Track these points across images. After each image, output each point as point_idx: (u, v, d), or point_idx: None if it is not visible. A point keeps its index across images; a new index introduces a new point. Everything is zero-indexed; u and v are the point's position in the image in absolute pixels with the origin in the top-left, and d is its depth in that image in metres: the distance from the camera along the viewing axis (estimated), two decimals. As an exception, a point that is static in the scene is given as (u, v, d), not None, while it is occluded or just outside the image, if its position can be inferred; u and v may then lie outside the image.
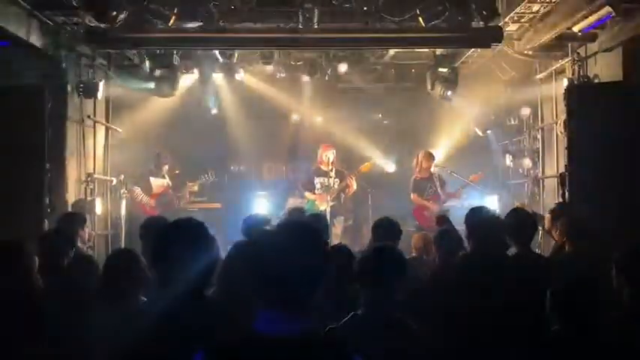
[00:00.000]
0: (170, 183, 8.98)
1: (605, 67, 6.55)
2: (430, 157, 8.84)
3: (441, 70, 8.65)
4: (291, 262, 1.73)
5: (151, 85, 8.50)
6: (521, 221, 4.23)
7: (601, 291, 2.81)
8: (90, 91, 7.34)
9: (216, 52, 8.29)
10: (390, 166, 10.62)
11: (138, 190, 8.52)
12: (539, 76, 8.49)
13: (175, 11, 6.61)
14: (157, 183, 8.81)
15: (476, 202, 9.02)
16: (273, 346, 1.68)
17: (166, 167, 9.00)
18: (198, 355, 1.73)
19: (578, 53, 7.09)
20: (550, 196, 8.06)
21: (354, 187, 8.34)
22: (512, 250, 4.21)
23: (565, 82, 7.09)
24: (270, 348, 1.68)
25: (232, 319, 2.16)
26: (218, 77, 9.25)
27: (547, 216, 5.25)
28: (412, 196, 8.75)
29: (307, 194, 8.37)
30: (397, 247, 2.84)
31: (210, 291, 3.20)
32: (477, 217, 4.03)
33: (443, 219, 6.18)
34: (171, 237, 2.37)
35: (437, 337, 2.74)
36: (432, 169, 8.83)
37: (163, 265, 2.34)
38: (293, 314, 1.72)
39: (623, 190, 5.56)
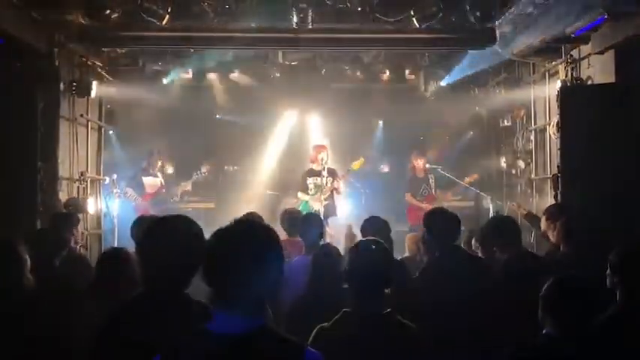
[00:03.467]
0: (163, 182, 8.96)
1: (598, 69, 6.57)
2: (424, 157, 8.94)
3: (435, 70, 8.68)
4: (246, 262, 1.74)
5: (144, 83, 8.48)
6: (504, 226, 4.31)
7: (594, 292, 2.81)
8: (83, 90, 7.31)
9: (211, 51, 8.28)
10: (384, 166, 10.65)
11: (131, 190, 8.50)
12: (533, 77, 8.52)
13: (169, 10, 6.60)
14: (150, 182, 8.78)
15: (470, 203, 9.10)
16: (228, 344, 1.70)
17: (159, 165, 8.97)
18: (156, 357, 1.76)
19: (571, 55, 7.12)
20: (543, 198, 8.09)
21: (342, 188, 8.33)
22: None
23: (558, 84, 7.11)
24: (224, 346, 1.70)
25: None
26: (212, 76, 9.24)
27: (542, 217, 5.26)
28: (406, 195, 8.86)
29: (300, 194, 8.36)
30: (383, 243, 2.82)
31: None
32: (437, 217, 4.02)
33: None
34: (156, 234, 2.35)
35: (426, 333, 2.73)
36: (427, 170, 8.92)
37: (148, 263, 2.33)
38: (247, 313, 1.75)
39: (616, 192, 5.57)
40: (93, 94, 7.48)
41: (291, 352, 1.78)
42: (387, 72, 9.48)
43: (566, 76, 7.15)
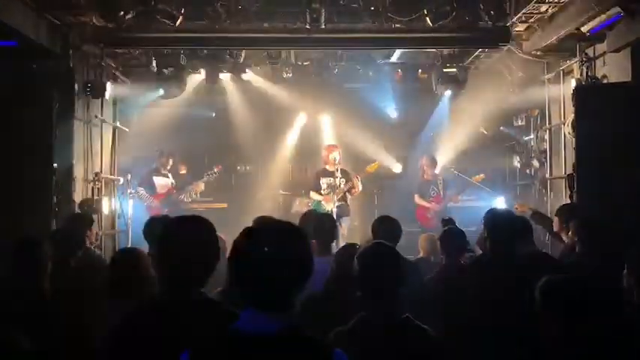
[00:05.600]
0: (174, 182, 8.98)
1: (614, 68, 6.51)
2: (432, 160, 9.13)
3: (448, 70, 8.64)
4: (278, 263, 1.74)
5: (158, 84, 8.52)
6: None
7: (592, 290, 2.79)
8: (97, 91, 7.36)
9: (224, 51, 8.31)
10: (396, 167, 10.64)
11: (142, 191, 8.53)
12: (547, 76, 8.45)
13: (182, 11, 6.63)
14: (161, 182, 8.81)
15: (482, 203, 9.06)
16: (256, 344, 1.70)
17: (170, 165, 8.98)
18: (183, 355, 1.76)
19: (587, 54, 7.05)
20: (558, 198, 8.02)
21: (360, 188, 8.35)
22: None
23: (573, 83, 7.05)
24: (252, 347, 1.70)
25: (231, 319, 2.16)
26: (225, 77, 9.27)
27: (555, 217, 5.21)
28: (415, 197, 8.99)
29: (313, 194, 8.36)
30: (390, 245, 2.79)
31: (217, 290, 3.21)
32: (497, 217, 4.03)
33: (447, 222, 6.18)
34: (176, 233, 2.36)
35: (446, 337, 2.71)
36: (437, 172, 9.00)
37: (167, 262, 2.34)
38: (275, 313, 1.74)
39: (632, 191, 5.52)
40: (107, 95, 7.53)
41: (320, 353, 1.77)
42: (400, 71, 9.46)
43: (581, 74, 7.08)
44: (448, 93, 8.74)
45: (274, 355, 1.70)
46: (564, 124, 7.67)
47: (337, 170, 8.19)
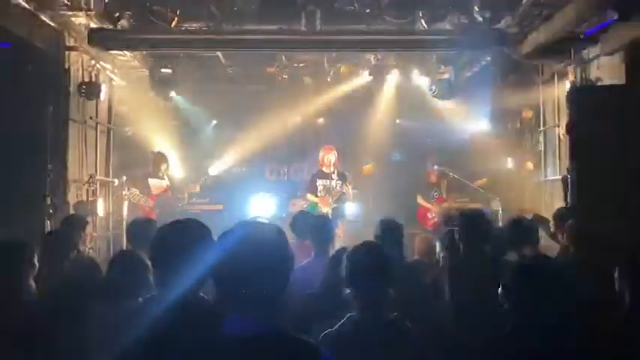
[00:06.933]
0: (169, 184, 8.95)
1: (608, 70, 6.54)
2: (436, 163, 9.10)
3: (442, 72, 8.67)
4: (259, 265, 1.75)
5: (153, 85, 8.51)
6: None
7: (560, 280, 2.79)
8: (92, 93, 7.34)
9: (219, 53, 8.31)
10: (393, 168, 10.65)
11: (137, 192, 8.50)
12: (541, 78, 8.48)
13: (178, 13, 6.63)
14: (156, 184, 8.77)
15: (479, 205, 9.09)
16: (243, 346, 1.71)
17: (164, 167, 8.95)
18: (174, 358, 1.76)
19: (581, 56, 7.08)
20: (553, 200, 8.05)
21: (351, 193, 8.36)
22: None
23: (567, 85, 7.08)
24: (239, 348, 1.71)
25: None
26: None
27: (552, 220, 5.23)
28: (418, 197, 9.24)
29: (309, 196, 8.36)
30: (377, 244, 2.81)
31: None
32: (467, 220, 4.05)
33: (448, 217, 6.20)
34: (170, 237, 2.36)
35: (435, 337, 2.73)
36: (437, 173, 9.15)
37: (161, 266, 2.33)
38: (260, 315, 1.75)
39: (627, 193, 5.53)
40: (102, 96, 7.51)
41: (306, 354, 1.78)
42: (395, 74, 9.47)
43: (575, 77, 7.12)
44: (443, 95, 8.76)
45: (261, 355, 1.71)
46: (559, 126, 7.70)
47: (334, 172, 8.19)
